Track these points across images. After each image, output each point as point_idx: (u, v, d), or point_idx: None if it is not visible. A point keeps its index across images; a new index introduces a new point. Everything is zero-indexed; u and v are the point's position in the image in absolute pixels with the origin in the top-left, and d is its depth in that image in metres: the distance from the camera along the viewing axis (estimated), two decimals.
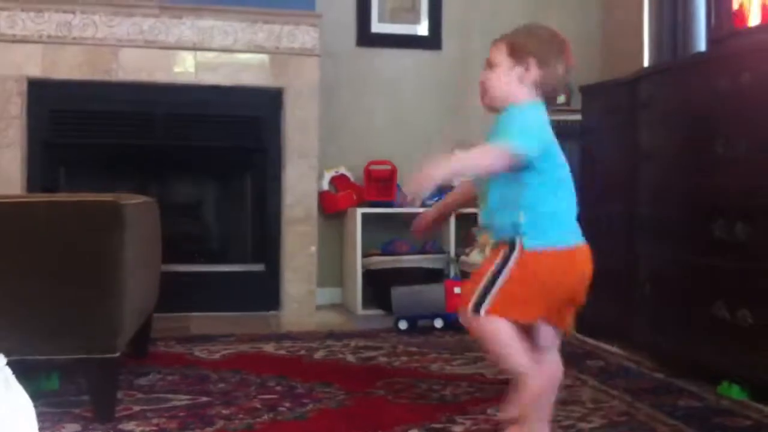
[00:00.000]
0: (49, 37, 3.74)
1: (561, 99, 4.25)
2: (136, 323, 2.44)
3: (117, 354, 2.14)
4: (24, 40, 3.70)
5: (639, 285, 2.97)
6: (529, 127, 1.82)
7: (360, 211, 4.03)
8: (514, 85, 1.89)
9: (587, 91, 3.52)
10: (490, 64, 1.94)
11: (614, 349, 3.05)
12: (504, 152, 1.78)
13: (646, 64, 3.93)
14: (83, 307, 2.11)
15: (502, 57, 1.91)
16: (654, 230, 2.89)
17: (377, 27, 4.46)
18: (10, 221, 2.11)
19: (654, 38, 3.85)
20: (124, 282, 2.16)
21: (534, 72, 1.86)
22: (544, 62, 1.86)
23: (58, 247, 2.12)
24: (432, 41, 4.50)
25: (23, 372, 1.47)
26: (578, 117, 3.61)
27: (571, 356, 2.92)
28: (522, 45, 1.89)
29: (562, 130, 4.03)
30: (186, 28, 3.88)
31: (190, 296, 3.81)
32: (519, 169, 1.79)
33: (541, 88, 1.88)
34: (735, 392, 2.36)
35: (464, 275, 3.91)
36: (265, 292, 3.98)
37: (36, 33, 3.72)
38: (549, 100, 1.94)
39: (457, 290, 3.44)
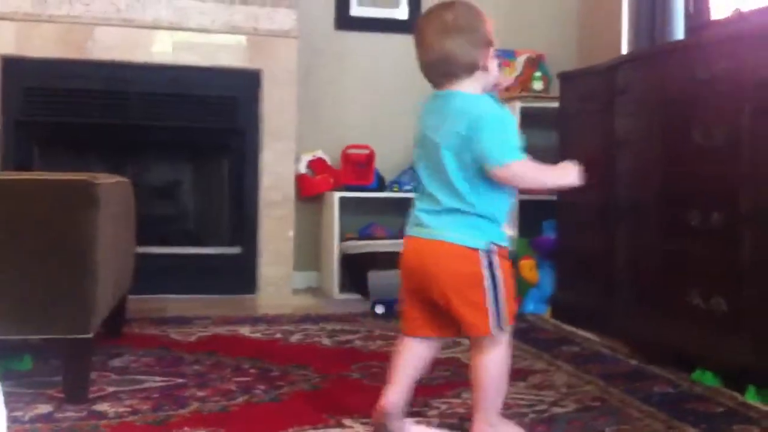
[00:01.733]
0: (24, 14, 3.69)
1: (538, 86, 4.26)
2: (110, 304, 2.42)
3: (90, 335, 2.11)
4: None
5: (615, 272, 2.99)
6: None
7: (337, 194, 4.01)
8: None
9: (565, 78, 3.52)
10: None
11: (589, 335, 3.06)
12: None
13: (624, 51, 3.94)
14: (56, 287, 2.08)
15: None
16: (630, 217, 2.90)
17: (356, 10, 4.44)
18: None
19: (632, 26, 3.86)
20: (97, 262, 2.13)
21: None
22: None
23: (30, 226, 2.09)
24: (411, 25, 4.46)
25: None
26: (556, 104, 3.62)
27: (546, 342, 2.95)
28: None
29: (539, 117, 4.07)
30: (162, 7, 3.84)
31: (167, 278, 3.79)
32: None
33: None
34: (708, 379, 2.38)
35: None
36: (241, 274, 3.97)
37: (11, 10, 3.66)
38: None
39: None
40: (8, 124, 3.70)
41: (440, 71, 1.87)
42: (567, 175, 1.92)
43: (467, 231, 1.79)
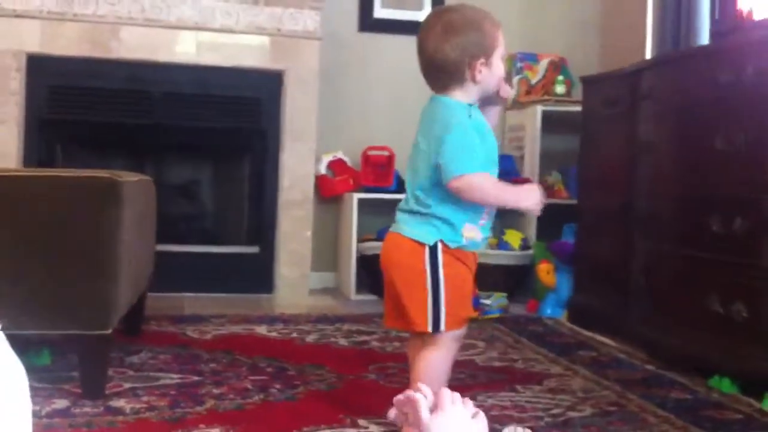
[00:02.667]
0: (49, 12, 3.72)
1: (561, 90, 4.24)
2: (130, 301, 2.44)
3: (109, 331, 2.13)
4: (24, 15, 3.68)
5: (633, 277, 2.97)
6: None
7: (356, 196, 4.02)
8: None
9: (588, 81, 3.51)
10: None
11: (607, 340, 3.05)
12: None
13: (647, 56, 3.92)
14: (77, 283, 2.10)
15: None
16: (650, 223, 2.89)
17: (380, 12, 4.44)
18: (5, 195, 2.10)
19: (656, 30, 3.84)
20: (118, 259, 2.15)
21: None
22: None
23: (53, 222, 2.10)
24: None
25: (15, 347, 1.47)
26: (578, 108, 3.60)
27: (562, 346, 2.93)
28: None
29: (561, 121, 4.05)
30: (187, 7, 3.86)
31: (185, 276, 3.81)
32: None
33: None
34: (725, 386, 2.37)
35: None
36: (259, 274, 3.98)
37: (36, 8, 3.70)
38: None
39: None
40: (32, 121, 3.73)
41: (431, 77, 1.90)
42: (524, 198, 1.89)
43: (420, 227, 1.85)
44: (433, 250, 1.84)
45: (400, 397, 1.38)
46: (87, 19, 3.75)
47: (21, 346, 2.33)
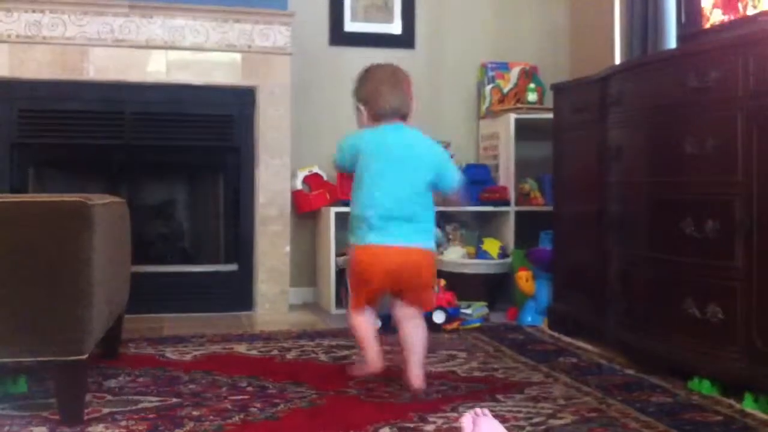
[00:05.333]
0: (18, 36, 3.70)
1: (533, 97, 4.27)
2: (106, 325, 2.41)
3: (85, 356, 2.11)
4: None
5: (609, 282, 2.99)
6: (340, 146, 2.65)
7: (333, 210, 4.01)
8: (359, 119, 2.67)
9: (558, 89, 3.53)
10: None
11: (587, 346, 3.06)
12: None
13: (617, 62, 3.95)
14: (50, 309, 2.07)
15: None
16: (624, 227, 2.90)
17: (350, 26, 4.46)
18: None
19: (624, 36, 3.87)
20: (92, 283, 2.13)
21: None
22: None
23: (24, 247, 2.08)
24: (405, 40, 4.51)
25: None
26: (551, 115, 3.62)
27: (543, 353, 2.94)
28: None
29: (534, 129, 4.08)
30: (156, 27, 3.85)
31: (163, 297, 3.79)
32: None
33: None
34: (705, 388, 2.38)
35: (440, 274, 3.90)
36: (238, 292, 3.96)
37: (5, 32, 3.68)
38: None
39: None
40: (3, 146, 3.70)
41: (397, 114, 2.58)
42: None
43: (423, 236, 2.50)
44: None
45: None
46: (56, 41, 3.74)
47: None
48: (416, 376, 2.42)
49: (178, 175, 4.31)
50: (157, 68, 3.88)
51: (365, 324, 2.54)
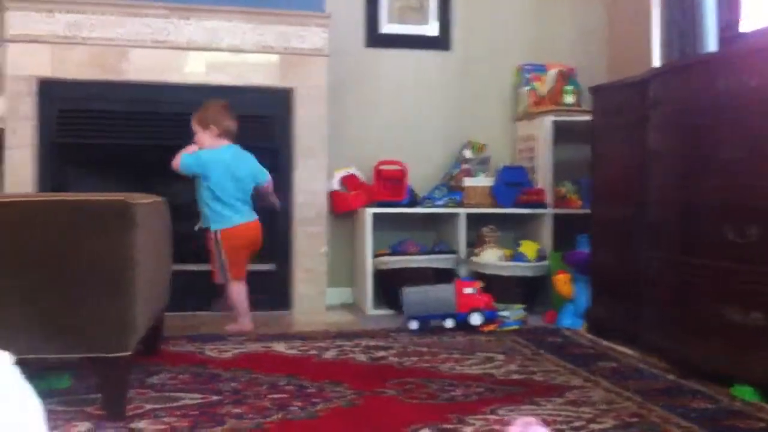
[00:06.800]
0: (58, 37, 3.75)
1: (570, 99, 4.25)
2: (148, 322, 2.44)
3: (128, 353, 2.13)
4: (35, 41, 3.72)
5: (647, 286, 2.96)
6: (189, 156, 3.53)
7: (370, 211, 4.02)
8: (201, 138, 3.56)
9: (596, 91, 3.51)
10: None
11: (626, 350, 3.04)
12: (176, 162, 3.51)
13: (655, 64, 3.91)
14: (95, 307, 2.11)
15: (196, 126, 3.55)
16: (662, 231, 2.88)
17: (386, 27, 4.46)
18: (22, 221, 2.11)
19: (663, 38, 3.83)
20: (135, 282, 2.16)
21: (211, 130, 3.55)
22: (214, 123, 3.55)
23: (69, 246, 2.11)
24: (441, 41, 4.50)
25: (35, 371, 1.47)
26: (588, 118, 3.60)
27: (582, 357, 2.92)
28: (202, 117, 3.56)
29: (571, 131, 4.05)
30: (195, 28, 3.89)
31: (201, 295, 3.82)
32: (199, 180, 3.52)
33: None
34: (748, 394, 2.35)
35: (476, 275, 3.90)
36: (275, 291, 3.99)
37: (47, 33, 3.73)
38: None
39: (468, 290, 3.44)
40: (43, 145, 3.76)
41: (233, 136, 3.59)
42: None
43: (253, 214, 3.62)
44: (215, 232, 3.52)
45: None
46: (96, 42, 3.78)
47: (41, 370, 2.35)
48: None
49: None
50: (194, 69, 3.92)
51: (245, 291, 3.50)
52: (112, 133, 3.86)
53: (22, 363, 1.27)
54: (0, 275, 2.07)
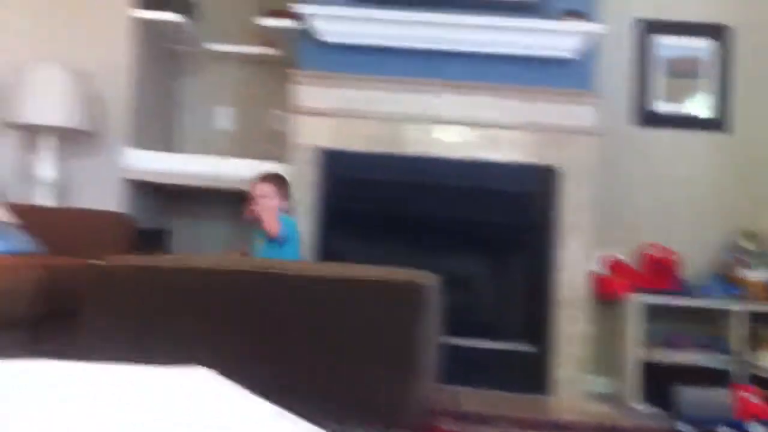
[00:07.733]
0: (340, 110, 3.96)
1: None
2: (427, 399, 2.45)
3: (409, 431, 2.14)
4: (320, 113, 3.95)
5: None
6: None
7: (638, 298, 3.85)
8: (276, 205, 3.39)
9: None
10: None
11: None
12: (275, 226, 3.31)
13: None
14: (378, 383, 2.14)
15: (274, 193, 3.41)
16: None
17: (654, 105, 4.32)
18: (316, 295, 2.20)
19: None
20: (419, 360, 2.17)
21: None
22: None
23: (358, 323, 2.17)
24: (715, 122, 4.28)
25: None
26: None
27: None
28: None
29: None
30: (461, 103, 3.96)
31: (458, 369, 3.80)
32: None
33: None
34: None
35: (754, 381, 3.59)
36: (533, 373, 3.90)
37: (329, 107, 3.96)
38: None
39: (748, 396, 3.18)
40: (322, 213, 3.95)
41: None
42: None
43: None
44: None
45: None
46: (372, 116, 3.96)
47: None
48: None
49: (476, 249, 4.35)
50: (460, 144, 3.98)
51: None
52: (383, 203, 4.00)
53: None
54: (299, 349, 2.16)
